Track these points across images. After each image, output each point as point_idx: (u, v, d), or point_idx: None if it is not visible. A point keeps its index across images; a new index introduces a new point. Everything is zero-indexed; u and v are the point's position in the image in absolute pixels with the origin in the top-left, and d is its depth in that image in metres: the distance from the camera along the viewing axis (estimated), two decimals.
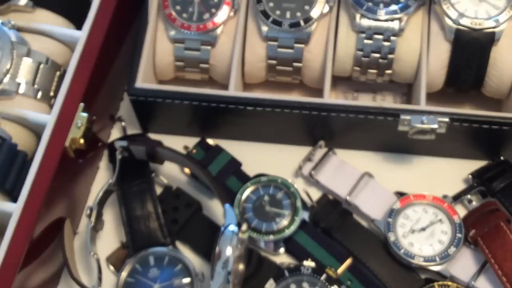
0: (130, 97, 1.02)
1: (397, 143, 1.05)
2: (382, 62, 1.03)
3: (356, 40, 1.03)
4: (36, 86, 0.98)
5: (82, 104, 0.96)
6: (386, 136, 1.04)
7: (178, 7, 1.05)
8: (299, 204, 1.02)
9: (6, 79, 0.97)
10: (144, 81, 1.02)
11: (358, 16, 1.02)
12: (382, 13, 1.01)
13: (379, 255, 1.00)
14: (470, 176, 1.05)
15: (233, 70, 1.03)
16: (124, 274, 0.98)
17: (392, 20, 1.01)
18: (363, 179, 1.04)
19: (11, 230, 0.88)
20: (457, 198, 1.03)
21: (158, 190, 1.05)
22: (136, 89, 1.01)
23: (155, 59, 1.07)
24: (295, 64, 1.05)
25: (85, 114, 0.96)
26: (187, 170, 1.07)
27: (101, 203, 1.01)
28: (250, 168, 1.06)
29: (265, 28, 1.03)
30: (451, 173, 1.06)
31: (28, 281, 0.93)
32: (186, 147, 1.08)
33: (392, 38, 1.02)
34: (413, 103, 1.05)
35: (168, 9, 1.05)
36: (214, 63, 1.06)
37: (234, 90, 1.02)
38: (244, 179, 1.05)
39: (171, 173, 1.07)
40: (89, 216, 0.99)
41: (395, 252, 0.98)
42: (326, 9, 1.03)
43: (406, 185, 1.04)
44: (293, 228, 1.00)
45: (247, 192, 1.03)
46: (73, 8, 1.05)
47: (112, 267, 1.01)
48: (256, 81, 1.09)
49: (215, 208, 1.05)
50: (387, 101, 1.10)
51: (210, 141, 1.09)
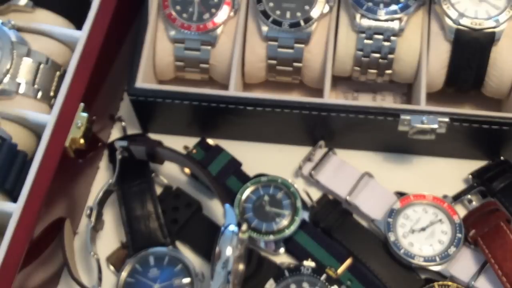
0: (130, 97, 1.02)
1: (397, 143, 1.05)
2: (382, 62, 1.03)
3: (356, 40, 1.03)
4: (36, 86, 0.98)
5: (82, 104, 0.96)
6: (386, 136, 1.04)
7: (178, 7, 1.05)
8: (299, 204, 1.02)
9: (6, 79, 0.97)
10: (144, 81, 1.02)
11: (358, 16, 1.02)
12: (382, 13, 1.01)
13: (379, 255, 1.00)
14: (470, 176, 1.05)
15: (233, 70, 1.03)
16: (124, 274, 0.98)
17: (392, 20, 1.01)
18: (363, 179, 1.04)
19: (11, 230, 0.88)
20: (457, 198, 1.03)
21: (158, 190, 1.05)
22: (136, 89, 1.01)
23: (155, 59, 1.07)
24: (295, 64, 1.05)
25: (85, 114, 0.96)
26: (187, 170, 1.07)
27: (101, 203, 1.01)
28: (250, 168, 1.06)
29: (265, 28, 1.03)
30: (451, 173, 1.06)
31: (28, 281, 0.93)
32: (186, 147, 1.08)
33: (392, 38, 1.02)
34: (413, 103, 1.05)
35: (168, 9, 1.05)
36: (214, 63, 1.06)
37: (234, 90, 1.02)
38: (244, 179, 1.05)
39: (171, 173, 1.07)
40: (89, 216, 0.99)
41: (395, 252, 0.98)
42: (326, 9, 1.03)
43: (406, 185, 1.04)
44: (293, 228, 1.00)
45: (247, 192, 1.03)
46: (73, 8, 1.05)
47: (112, 267, 1.01)
48: (256, 81, 1.09)
49: (215, 208, 1.05)
50: (387, 101, 1.10)
51: (210, 141, 1.09)
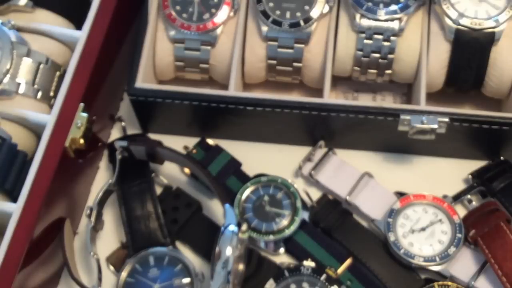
0: (130, 97, 1.02)
1: (397, 143, 1.05)
2: (382, 62, 1.03)
3: (356, 40, 1.03)
4: (36, 86, 0.98)
5: (82, 104, 0.96)
6: (386, 136, 1.04)
7: (178, 7, 1.05)
8: (299, 204, 1.02)
9: (6, 79, 0.97)
10: (144, 81, 1.02)
11: (358, 16, 1.02)
12: (382, 13, 1.01)
13: (379, 255, 1.00)
14: (470, 176, 1.05)
15: (233, 70, 1.03)
16: (124, 274, 0.98)
17: (392, 20, 1.01)
18: (363, 179, 1.04)
19: (11, 230, 0.88)
20: (457, 198, 1.03)
21: (158, 190, 1.05)
22: (136, 89, 1.01)
23: (155, 59, 1.07)
24: (295, 64, 1.05)
25: (85, 114, 0.96)
26: (187, 170, 1.07)
27: (101, 203, 1.01)
28: (250, 168, 1.06)
29: (265, 28, 1.03)
30: (451, 173, 1.06)
31: (28, 281, 0.93)
32: (186, 147, 1.08)
33: (392, 38, 1.02)
34: (413, 103, 1.05)
35: (168, 9, 1.05)
36: (214, 63, 1.06)
37: (234, 90, 1.02)
38: (244, 179, 1.05)
39: (171, 173, 1.07)
40: (89, 216, 0.99)
41: (395, 252, 0.98)
42: (326, 9, 1.03)
43: (406, 185, 1.04)
44: (293, 228, 1.00)
45: (247, 192, 1.03)
46: (73, 8, 1.05)
47: (112, 267, 1.01)
48: (256, 81, 1.09)
49: (215, 208, 1.05)
50: (387, 101, 1.10)
51: (210, 141, 1.09)
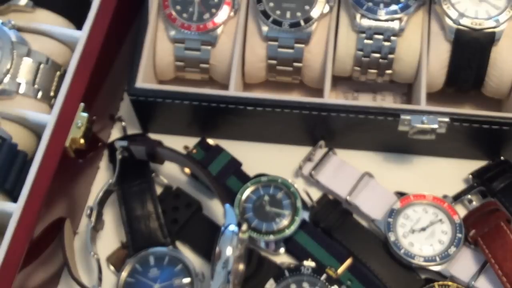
0: (130, 97, 1.02)
1: (397, 143, 1.05)
2: (382, 62, 1.03)
3: (356, 40, 1.03)
4: (36, 86, 0.98)
5: (82, 104, 0.96)
6: (386, 136, 1.04)
7: (178, 7, 1.05)
8: (299, 204, 1.02)
9: (6, 79, 0.96)
10: (144, 81, 1.02)
11: (358, 16, 1.02)
12: (382, 13, 1.01)
13: (379, 255, 1.00)
14: (470, 176, 1.05)
15: (233, 70, 1.03)
16: (124, 274, 0.98)
17: (392, 20, 1.01)
18: (363, 179, 1.04)
19: (11, 230, 0.88)
20: (457, 198, 1.03)
21: (158, 190, 1.05)
22: (136, 89, 1.01)
23: (155, 59, 1.06)
24: (295, 64, 1.05)
25: (85, 114, 0.96)
26: (187, 170, 1.07)
27: (101, 203, 1.01)
28: (250, 168, 1.06)
29: (265, 28, 1.03)
30: (451, 173, 1.06)
31: (28, 281, 0.93)
32: (186, 147, 1.08)
33: (392, 38, 1.02)
34: (413, 103, 1.05)
35: (168, 9, 1.05)
36: (214, 63, 1.06)
37: (234, 90, 1.02)
38: (244, 179, 1.05)
39: (171, 173, 1.07)
40: (89, 216, 0.99)
41: (395, 252, 0.98)
42: (326, 9, 1.03)
43: (406, 185, 1.04)
44: (293, 228, 1.00)
45: (247, 192, 1.03)
46: (73, 8, 1.05)
47: (112, 267, 1.01)
48: (256, 81, 1.09)
49: (215, 208, 1.05)
50: (387, 101, 1.10)
51: (210, 141, 1.09)
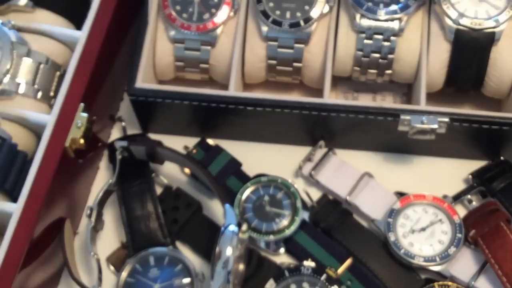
0: (130, 97, 1.02)
1: (397, 143, 1.05)
2: (382, 62, 1.03)
3: (356, 40, 1.03)
4: (36, 86, 0.98)
5: (82, 104, 0.96)
6: (386, 136, 1.04)
7: (178, 7, 1.05)
8: (299, 204, 1.02)
9: (6, 79, 0.96)
10: (144, 81, 1.02)
11: (358, 16, 1.02)
12: (382, 13, 1.01)
13: (379, 255, 1.00)
14: (470, 176, 1.05)
15: (233, 70, 1.03)
16: (124, 274, 0.98)
17: (392, 20, 1.01)
18: (363, 179, 1.04)
19: (11, 230, 0.88)
20: (457, 198, 1.03)
21: (158, 190, 1.05)
22: (136, 89, 1.01)
23: (155, 59, 1.07)
24: (295, 64, 1.05)
25: (85, 114, 0.96)
26: (187, 170, 1.07)
27: (101, 203, 1.01)
28: (250, 168, 1.06)
29: (265, 28, 1.03)
30: (451, 173, 1.06)
31: (28, 281, 0.93)
32: (186, 147, 1.08)
33: (392, 38, 1.02)
34: (413, 103, 1.05)
35: (168, 9, 1.05)
36: (214, 63, 1.06)
37: (234, 90, 1.02)
38: (244, 179, 1.05)
39: (171, 173, 1.07)
40: (89, 216, 0.99)
41: (395, 252, 0.98)
42: (326, 9, 1.03)
43: (406, 185, 1.04)
44: (293, 228, 1.00)
45: (247, 192, 1.03)
46: (73, 8, 1.05)
47: (112, 267, 1.01)
48: (256, 81, 1.09)
49: (215, 208, 1.05)
50: (387, 101, 1.10)
51: (210, 141, 1.09)
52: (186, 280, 0.97)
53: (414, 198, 1.01)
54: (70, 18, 1.05)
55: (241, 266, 0.94)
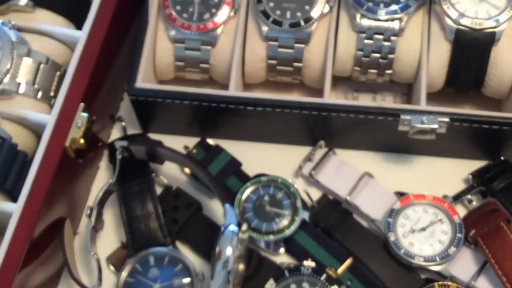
0: (130, 97, 1.02)
1: (397, 143, 1.05)
2: (382, 62, 1.03)
3: (357, 40, 1.03)
4: (36, 86, 0.98)
5: (82, 104, 0.96)
6: (386, 136, 1.04)
7: (178, 7, 1.05)
8: (299, 204, 1.01)
9: (6, 79, 0.97)
10: (144, 81, 1.02)
11: (358, 16, 1.02)
12: (382, 13, 1.01)
13: (379, 255, 1.00)
14: (470, 176, 1.05)
15: (233, 70, 1.03)
16: (124, 274, 0.98)
17: (392, 20, 1.01)
18: (363, 179, 1.04)
19: (11, 230, 0.88)
20: (457, 198, 1.03)
21: (158, 190, 1.05)
22: (136, 89, 1.01)
23: (155, 59, 1.06)
24: (295, 64, 1.05)
25: (85, 114, 0.96)
26: (187, 170, 1.07)
27: (101, 203, 1.01)
28: (250, 168, 1.06)
29: (265, 28, 1.03)
30: (451, 173, 1.06)
31: (28, 281, 0.93)
32: (186, 147, 1.08)
33: (392, 38, 1.02)
34: (413, 103, 1.05)
35: (168, 9, 1.05)
36: (214, 63, 1.06)
37: (234, 90, 1.02)
38: (244, 179, 1.05)
39: (171, 173, 1.07)
40: (89, 216, 0.99)
41: (395, 252, 0.98)
42: (326, 9, 1.03)
43: (406, 185, 1.04)
44: (293, 228, 1.00)
45: (247, 192, 1.03)
46: (73, 8, 1.05)
47: (112, 267, 1.01)
48: (256, 81, 1.09)
49: (215, 208, 1.05)
50: (387, 101, 1.10)
51: (210, 141, 1.09)
52: (186, 280, 0.97)
53: (414, 198, 1.01)
54: (70, 18, 1.05)
55: (241, 266, 0.94)
